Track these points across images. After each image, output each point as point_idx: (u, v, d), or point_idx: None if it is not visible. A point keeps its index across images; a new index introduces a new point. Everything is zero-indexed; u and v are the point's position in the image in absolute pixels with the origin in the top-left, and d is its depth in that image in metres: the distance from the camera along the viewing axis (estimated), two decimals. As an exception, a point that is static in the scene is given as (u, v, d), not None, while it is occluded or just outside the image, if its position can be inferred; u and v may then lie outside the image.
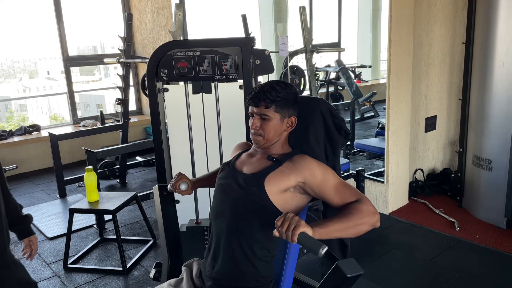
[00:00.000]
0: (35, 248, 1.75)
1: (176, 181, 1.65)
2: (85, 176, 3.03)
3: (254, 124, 1.50)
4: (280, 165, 1.47)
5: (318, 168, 1.44)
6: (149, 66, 2.24)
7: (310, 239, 1.18)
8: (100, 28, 7.04)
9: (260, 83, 1.60)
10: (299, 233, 1.18)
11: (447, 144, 4.16)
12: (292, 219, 1.20)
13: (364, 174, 3.31)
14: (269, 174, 1.45)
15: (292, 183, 1.43)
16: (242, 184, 1.48)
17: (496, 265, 2.80)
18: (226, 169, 1.60)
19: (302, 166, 1.44)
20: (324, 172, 1.44)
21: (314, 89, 4.36)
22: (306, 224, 1.20)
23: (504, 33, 3.08)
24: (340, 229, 1.29)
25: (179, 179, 1.66)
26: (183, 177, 1.67)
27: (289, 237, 1.18)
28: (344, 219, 1.31)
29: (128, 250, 3.16)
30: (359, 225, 1.32)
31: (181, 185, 1.65)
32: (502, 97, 3.14)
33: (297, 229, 1.18)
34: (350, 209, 1.35)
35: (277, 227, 1.21)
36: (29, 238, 1.73)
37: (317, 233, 1.22)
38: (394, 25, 3.27)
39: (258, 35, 7.30)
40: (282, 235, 1.20)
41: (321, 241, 1.18)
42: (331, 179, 1.44)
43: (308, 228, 1.20)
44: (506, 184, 3.13)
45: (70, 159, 5.36)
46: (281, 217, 1.21)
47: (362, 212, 1.33)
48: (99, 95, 8.42)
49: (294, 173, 1.44)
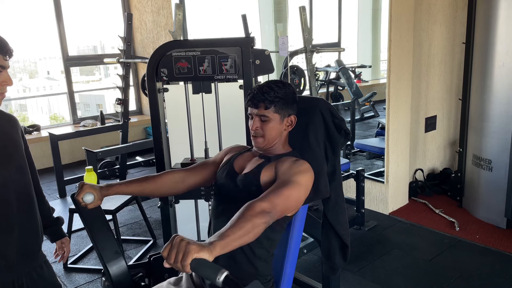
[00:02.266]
0: (68, 250, 1.75)
1: (78, 194, 1.43)
2: (85, 176, 3.02)
3: (254, 125, 1.50)
4: (270, 161, 1.49)
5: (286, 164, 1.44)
6: (149, 66, 2.24)
7: (205, 266, 1.01)
8: (100, 28, 7.04)
9: (260, 83, 1.60)
10: (190, 262, 1.01)
11: (447, 144, 4.16)
12: (179, 245, 1.03)
13: (364, 174, 3.31)
14: (262, 170, 1.47)
15: (273, 174, 1.45)
16: (240, 184, 1.49)
17: (496, 265, 2.80)
18: (224, 169, 1.60)
19: (280, 161, 1.47)
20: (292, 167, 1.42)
21: (314, 89, 4.35)
22: (198, 247, 1.02)
23: (504, 33, 3.08)
24: (239, 236, 1.15)
25: (81, 191, 1.43)
26: (86, 187, 1.43)
27: (180, 269, 1.02)
28: (238, 224, 1.17)
29: (128, 250, 3.16)
30: (255, 227, 1.19)
31: (85, 197, 1.42)
32: (502, 97, 3.14)
33: (186, 257, 1.01)
34: (241, 208, 1.23)
35: (164, 258, 1.04)
36: (62, 240, 1.73)
37: (217, 248, 1.06)
38: (394, 25, 3.27)
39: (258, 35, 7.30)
40: (174, 267, 1.03)
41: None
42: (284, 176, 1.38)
43: (203, 250, 1.03)
44: (506, 184, 3.13)
45: (70, 159, 5.36)
46: (167, 245, 1.05)
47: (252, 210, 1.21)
48: (99, 95, 8.42)
49: (274, 164, 1.47)
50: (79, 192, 1.43)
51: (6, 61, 1.31)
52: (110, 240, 1.55)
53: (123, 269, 1.54)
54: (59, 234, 1.73)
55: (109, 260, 1.52)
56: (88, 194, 1.42)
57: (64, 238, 1.74)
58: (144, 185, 1.57)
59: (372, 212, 3.64)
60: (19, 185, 1.43)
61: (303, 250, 2.87)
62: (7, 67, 1.32)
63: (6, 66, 1.31)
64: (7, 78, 1.32)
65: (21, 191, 1.44)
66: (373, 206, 3.70)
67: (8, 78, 1.33)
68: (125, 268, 1.55)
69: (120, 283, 1.54)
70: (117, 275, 1.53)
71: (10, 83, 1.33)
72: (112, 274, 1.52)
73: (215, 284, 0.99)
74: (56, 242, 1.73)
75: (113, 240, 1.57)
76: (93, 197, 1.43)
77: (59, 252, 1.74)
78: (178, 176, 1.62)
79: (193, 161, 2.34)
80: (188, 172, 1.65)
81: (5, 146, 1.41)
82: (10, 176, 1.40)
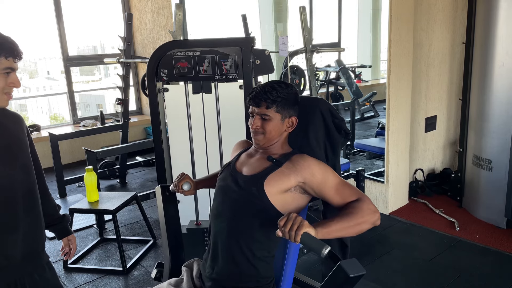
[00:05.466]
0: (74, 247, 1.77)
1: (179, 181, 1.66)
2: (85, 176, 3.03)
3: (255, 123, 1.50)
4: (279, 166, 1.46)
5: (317, 168, 1.43)
6: (149, 66, 2.24)
7: (313, 239, 1.19)
8: (100, 28, 7.03)
9: (260, 83, 1.60)
10: (302, 233, 1.18)
11: (447, 144, 4.16)
12: (295, 219, 1.19)
13: (364, 174, 3.31)
14: (269, 176, 1.44)
15: (293, 184, 1.43)
16: (242, 185, 1.48)
17: (496, 265, 2.80)
18: (226, 170, 1.60)
19: (302, 166, 1.44)
20: (323, 172, 1.43)
21: (314, 89, 4.35)
22: (309, 224, 1.20)
23: (504, 33, 3.08)
24: (341, 228, 1.29)
25: (182, 179, 1.66)
26: (186, 177, 1.67)
27: (292, 237, 1.18)
28: (346, 219, 1.31)
29: (128, 250, 3.16)
30: (360, 224, 1.33)
31: (184, 185, 1.66)
32: (502, 97, 3.14)
33: (300, 229, 1.18)
34: (350, 208, 1.35)
35: (280, 227, 1.20)
36: (68, 237, 1.74)
37: (319, 233, 1.22)
38: (394, 25, 3.27)
39: (258, 35, 7.30)
40: (285, 235, 1.19)
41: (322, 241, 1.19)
42: (331, 178, 1.43)
43: (311, 228, 1.20)
44: (506, 184, 3.13)
45: (70, 159, 5.36)
46: (284, 217, 1.21)
47: (363, 211, 1.33)
48: (99, 95, 8.41)
49: (294, 173, 1.43)
50: (180, 179, 1.66)
51: (16, 63, 1.32)
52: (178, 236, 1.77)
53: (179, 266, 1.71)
54: (66, 231, 1.74)
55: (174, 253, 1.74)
56: (186, 183, 1.66)
57: (70, 235, 1.75)
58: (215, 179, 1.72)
59: (372, 212, 3.63)
60: (24, 184, 1.43)
61: (303, 250, 2.87)
62: (16, 69, 1.34)
63: (15, 68, 1.33)
64: (15, 80, 1.33)
65: (27, 191, 1.44)
66: (373, 206, 3.69)
67: (16, 80, 1.34)
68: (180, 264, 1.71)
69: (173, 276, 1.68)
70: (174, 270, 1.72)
71: (18, 85, 1.34)
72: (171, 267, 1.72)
73: (320, 256, 1.15)
74: (62, 239, 1.74)
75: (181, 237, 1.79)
76: (190, 186, 1.66)
77: (65, 249, 1.75)
78: None
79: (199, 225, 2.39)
80: None
81: (10, 145, 1.40)
82: (15, 175, 1.40)
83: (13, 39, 1.33)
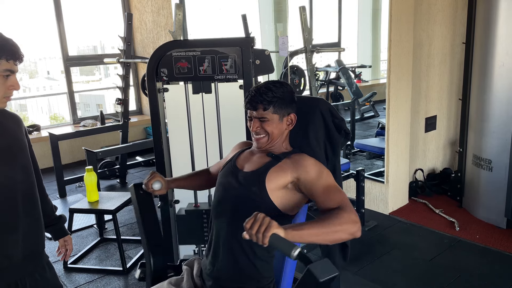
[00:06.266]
0: (70, 248, 1.77)
1: (149, 180, 1.60)
2: (85, 176, 3.03)
3: (255, 126, 1.50)
4: (279, 161, 1.47)
5: (313, 165, 1.43)
6: (149, 66, 2.24)
7: (282, 241, 1.11)
8: (100, 28, 7.03)
9: (260, 82, 1.60)
10: (270, 235, 1.11)
11: (447, 144, 4.16)
12: (263, 220, 1.13)
13: (364, 174, 3.31)
14: (269, 171, 1.45)
15: (289, 179, 1.43)
16: (243, 182, 1.48)
17: (496, 265, 2.80)
18: (227, 167, 1.60)
19: (299, 162, 1.44)
20: (318, 170, 1.42)
21: (314, 89, 4.35)
22: (278, 225, 1.14)
23: (504, 33, 3.08)
24: (316, 233, 1.21)
25: (152, 178, 1.61)
26: (156, 175, 1.62)
27: (260, 239, 1.11)
28: (322, 224, 1.22)
29: (128, 250, 3.16)
30: (337, 232, 1.23)
31: (154, 184, 1.59)
32: (502, 97, 3.14)
33: (268, 230, 1.11)
34: (330, 214, 1.27)
35: (246, 230, 1.13)
36: (64, 238, 1.75)
37: (289, 234, 1.15)
38: (394, 25, 3.27)
39: (258, 35, 7.29)
40: (253, 238, 1.13)
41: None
42: (324, 178, 1.41)
43: (280, 229, 1.14)
44: (506, 184, 3.13)
45: (70, 159, 5.36)
46: (251, 218, 1.14)
47: (342, 219, 1.24)
48: (99, 95, 8.41)
49: (290, 169, 1.44)
50: (149, 178, 1.60)
51: (16, 65, 1.32)
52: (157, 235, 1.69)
53: (162, 265, 1.67)
54: (62, 232, 1.74)
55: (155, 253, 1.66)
56: (157, 182, 1.59)
57: (67, 236, 1.75)
58: (196, 180, 1.79)
59: (372, 212, 3.64)
60: (24, 185, 1.43)
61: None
62: (16, 71, 1.34)
63: (15, 70, 1.33)
64: (15, 83, 1.33)
65: (26, 191, 1.44)
66: (373, 206, 3.70)
67: (16, 83, 1.34)
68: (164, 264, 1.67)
69: (157, 278, 1.63)
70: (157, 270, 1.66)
71: (17, 88, 1.35)
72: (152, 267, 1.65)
73: (290, 257, 1.09)
74: (59, 240, 1.75)
75: (160, 235, 1.71)
76: (161, 185, 1.60)
77: (61, 250, 1.76)
78: (212, 175, 1.80)
79: (197, 207, 2.37)
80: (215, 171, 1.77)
81: (10, 146, 1.41)
82: (15, 176, 1.40)
83: (14, 41, 1.33)
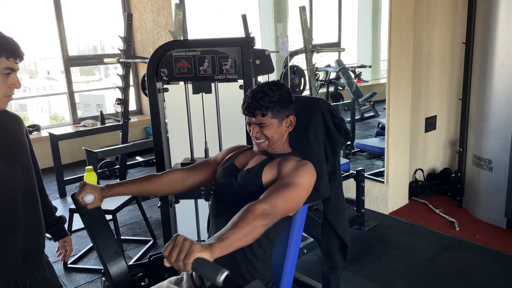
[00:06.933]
0: (70, 249, 1.76)
1: (78, 194, 1.43)
2: (85, 176, 3.02)
3: (254, 131, 1.50)
4: (273, 159, 1.49)
5: (291, 163, 1.44)
6: (149, 66, 2.24)
7: (207, 265, 1.01)
8: (100, 28, 7.04)
9: (260, 82, 1.59)
10: (192, 262, 1.01)
11: (447, 144, 4.16)
12: (182, 244, 1.02)
13: (364, 174, 3.31)
14: (264, 167, 1.47)
15: (275, 175, 1.45)
16: (241, 181, 1.49)
17: (496, 265, 2.80)
18: (226, 167, 1.59)
19: (283, 160, 1.46)
20: (292, 168, 1.42)
21: (314, 89, 4.35)
22: (200, 247, 1.03)
23: (504, 33, 3.08)
24: (238, 237, 1.14)
25: (82, 190, 1.43)
26: (87, 187, 1.44)
27: (181, 268, 1.01)
28: (238, 226, 1.16)
29: (128, 250, 3.16)
30: (255, 228, 1.19)
31: (85, 197, 1.42)
32: (502, 97, 3.14)
33: (189, 257, 1.00)
34: (241, 213, 1.21)
35: (166, 258, 1.04)
36: (64, 239, 1.74)
37: (217, 250, 1.06)
38: (394, 25, 3.27)
39: (258, 35, 7.30)
40: (174, 266, 1.03)
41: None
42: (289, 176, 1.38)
43: (205, 251, 1.03)
44: (506, 184, 3.13)
45: (70, 159, 5.36)
46: (170, 243, 1.04)
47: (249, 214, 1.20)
48: (99, 95, 8.41)
49: (278, 166, 1.46)
50: (79, 191, 1.44)
51: (16, 64, 1.32)
52: (110, 240, 1.54)
53: (123, 269, 1.54)
54: (62, 233, 1.74)
55: (109, 260, 1.52)
56: (88, 194, 1.43)
57: (66, 237, 1.75)
58: (144, 185, 1.58)
59: (372, 212, 3.64)
60: (24, 185, 1.43)
61: (303, 250, 2.87)
62: (17, 69, 1.33)
63: (16, 68, 1.32)
64: (15, 81, 1.33)
65: (26, 191, 1.44)
66: (373, 206, 3.70)
67: (17, 81, 1.33)
68: (125, 268, 1.54)
69: (120, 283, 1.53)
70: (117, 275, 1.52)
71: (18, 86, 1.34)
72: (112, 274, 1.51)
73: (216, 283, 0.98)
74: (58, 241, 1.74)
75: (113, 240, 1.57)
76: (94, 197, 1.44)
77: (61, 250, 1.75)
78: (179, 176, 1.63)
79: (193, 161, 2.34)
80: (189, 172, 1.65)
81: (10, 146, 1.41)
82: (15, 176, 1.40)
83: (14, 39, 1.33)
